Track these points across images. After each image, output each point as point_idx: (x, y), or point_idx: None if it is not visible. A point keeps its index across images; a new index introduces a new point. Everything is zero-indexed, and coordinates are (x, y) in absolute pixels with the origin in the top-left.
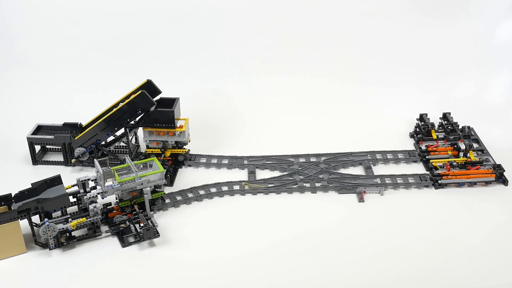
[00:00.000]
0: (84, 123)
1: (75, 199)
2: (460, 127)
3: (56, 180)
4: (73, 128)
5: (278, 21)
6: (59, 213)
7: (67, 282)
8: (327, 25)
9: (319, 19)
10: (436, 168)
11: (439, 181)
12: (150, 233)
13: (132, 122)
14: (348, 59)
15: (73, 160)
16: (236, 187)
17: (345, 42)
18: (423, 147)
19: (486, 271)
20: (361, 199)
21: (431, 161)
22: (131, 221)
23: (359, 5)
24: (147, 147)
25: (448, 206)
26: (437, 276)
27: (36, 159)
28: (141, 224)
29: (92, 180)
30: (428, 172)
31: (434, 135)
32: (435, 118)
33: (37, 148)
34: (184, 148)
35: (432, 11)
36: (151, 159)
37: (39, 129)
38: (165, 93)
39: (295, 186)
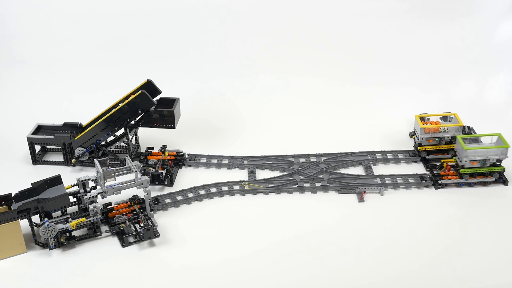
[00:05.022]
0: (84, 123)
1: (75, 199)
2: None
3: (56, 180)
4: (73, 128)
5: (279, 22)
6: (59, 213)
7: (67, 282)
8: (328, 25)
9: (320, 19)
10: (435, 167)
11: (439, 181)
12: (150, 233)
13: (132, 122)
14: (348, 59)
15: (73, 160)
16: (236, 187)
17: (346, 42)
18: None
19: (486, 270)
20: (361, 199)
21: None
22: (131, 221)
23: (360, 6)
24: (420, 144)
25: (448, 206)
26: (437, 275)
27: (36, 159)
28: (141, 224)
29: (92, 180)
30: (428, 172)
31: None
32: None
33: (37, 148)
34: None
35: (432, 11)
36: (497, 134)
37: (39, 129)
38: (165, 93)
39: (295, 186)
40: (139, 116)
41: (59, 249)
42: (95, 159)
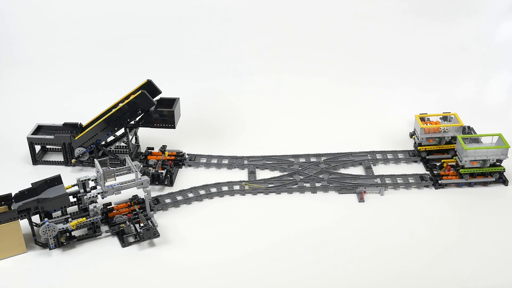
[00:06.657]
0: (84, 123)
1: (75, 199)
2: None
3: (56, 180)
4: (73, 128)
5: (278, 22)
6: (59, 213)
7: (67, 282)
8: (328, 26)
9: (320, 20)
10: (435, 168)
11: (439, 181)
12: (150, 233)
13: (132, 122)
14: (348, 59)
15: (73, 160)
16: (236, 187)
17: (346, 42)
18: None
19: (486, 270)
20: (361, 199)
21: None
22: (131, 221)
23: (361, 7)
24: (420, 144)
25: (448, 206)
26: (437, 275)
27: (36, 159)
28: (141, 224)
29: (92, 180)
30: (428, 172)
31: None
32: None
33: (37, 148)
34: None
35: (432, 11)
36: (497, 134)
37: (39, 129)
38: (165, 93)
39: (295, 186)
40: (139, 116)
41: (59, 249)
42: (95, 159)
